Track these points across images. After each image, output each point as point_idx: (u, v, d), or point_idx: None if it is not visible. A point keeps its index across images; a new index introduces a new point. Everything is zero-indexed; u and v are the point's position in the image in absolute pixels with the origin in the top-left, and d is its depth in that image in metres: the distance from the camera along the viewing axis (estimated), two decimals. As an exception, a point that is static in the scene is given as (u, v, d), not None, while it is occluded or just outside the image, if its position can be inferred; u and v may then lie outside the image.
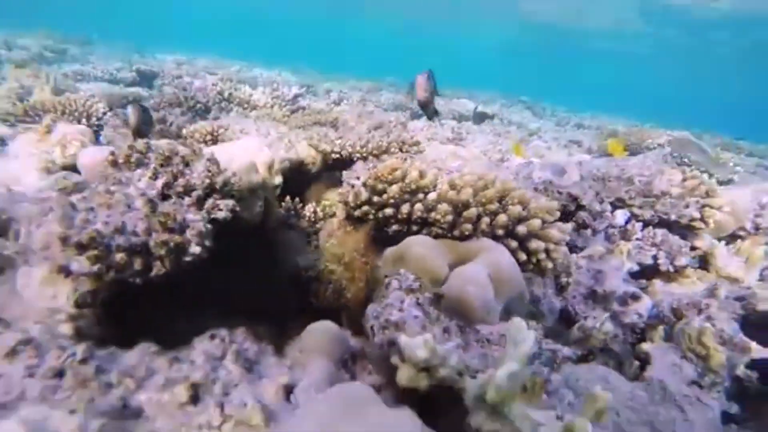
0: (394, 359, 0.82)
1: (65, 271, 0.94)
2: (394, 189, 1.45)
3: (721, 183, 3.67)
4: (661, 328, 1.69)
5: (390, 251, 1.37)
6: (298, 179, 2.63)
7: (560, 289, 1.99)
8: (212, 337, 0.85)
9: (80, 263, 0.89)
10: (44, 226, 0.96)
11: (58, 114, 2.89)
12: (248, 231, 1.77)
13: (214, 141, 2.59)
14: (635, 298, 1.83)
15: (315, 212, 2.29)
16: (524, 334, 0.69)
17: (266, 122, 3.20)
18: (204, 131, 2.60)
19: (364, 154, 2.38)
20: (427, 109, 2.09)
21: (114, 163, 1.28)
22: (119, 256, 0.91)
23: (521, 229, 1.41)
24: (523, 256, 1.43)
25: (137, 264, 0.94)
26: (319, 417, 0.70)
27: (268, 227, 1.99)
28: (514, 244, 1.42)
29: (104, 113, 3.16)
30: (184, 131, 2.63)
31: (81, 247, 0.89)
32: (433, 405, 0.89)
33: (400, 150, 2.53)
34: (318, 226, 2.22)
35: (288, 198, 2.30)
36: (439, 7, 20.18)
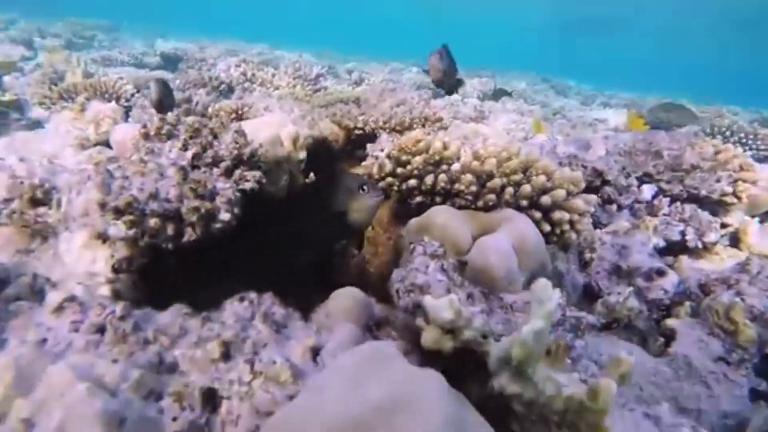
0: (419, 321, 0.84)
1: (103, 236, 0.99)
2: (418, 160, 1.45)
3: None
4: (687, 304, 1.66)
5: (414, 221, 1.38)
6: (322, 156, 2.65)
7: (584, 264, 1.97)
8: (242, 299, 0.88)
9: (118, 228, 0.93)
10: (84, 193, 1.00)
11: (90, 94, 2.97)
12: (274, 203, 1.81)
13: (239, 118, 2.63)
14: (661, 273, 1.80)
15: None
16: (549, 293, 0.70)
17: (289, 101, 3.22)
18: (229, 109, 2.63)
19: (387, 130, 2.38)
20: (444, 86, 2.08)
21: (146, 136, 1.32)
22: (153, 221, 0.95)
23: (545, 199, 1.40)
24: (547, 227, 1.42)
25: (170, 229, 0.98)
26: (345, 371, 0.72)
27: (292, 200, 2.03)
28: (538, 214, 1.42)
29: (132, 95, 3.23)
30: (209, 110, 2.68)
31: (118, 212, 0.93)
32: (457, 370, 0.91)
33: (423, 126, 2.52)
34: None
35: (312, 174, 2.33)
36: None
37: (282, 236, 1.95)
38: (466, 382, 0.89)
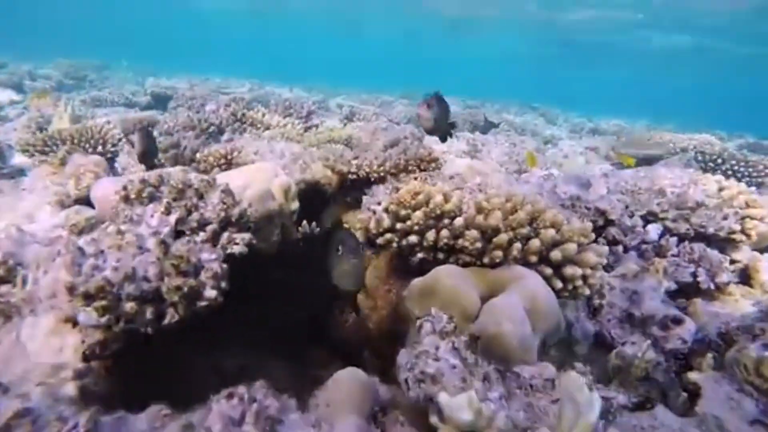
0: (433, 419, 0.74)
1: (73, 322, 0.88)
2: (418, 215, 1.36)
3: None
4: (709, 355, 1.56)
5: (417, 283, 1.28)
6: (314, 200, 2.57)
7: (593, 311, 1.88)
8: (230, 396, 0.77)
9: (88, 314, 0.82)
10: (52, 272, 0.90)
11: (75, 143, 2.88)
12: (265, 260, 1.71)
13: (228, 164, 2.55)
14: (677, 321, 1.71)
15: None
16: (587, 396, 0.60)
17: (280, 142, 3.16)
18: (218, 155, 2.56)
19: (382, 174, 2.30)
20: (436, 134, 2.03)
21: (126, 199, 1.22)
22: (129, 306, 0.84)
23: (556, 254, 1.31)
24: (558, 284, 1.33)
25: (149, 313, 0.87)
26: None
27: (285, 255, 1.93)
28: (548, 271, 1.33)
29: (120, 139, 3.15)
30: (197, 155, 2.60)
31: (89, 297, 0.82)
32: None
33: (419, 168, 2.45)
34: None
35: (305, 222, 2.24)
36: (441, 22, 20.25)
37: (274, 293, 1.84)
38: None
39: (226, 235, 1.23)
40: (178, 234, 1.15)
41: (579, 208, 2.08)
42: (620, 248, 2.09)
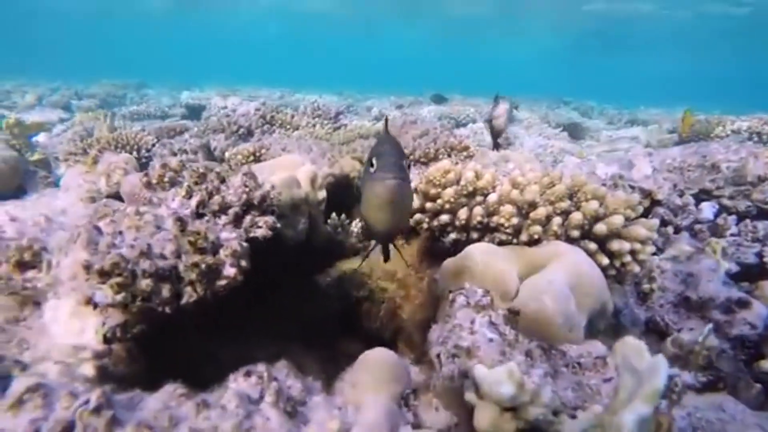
0: (470, 396, 0.66)
1: (93, 303, 0.85)
2: (449, 192, 1.29)
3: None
4: (785, 340, 1.40)
5: (449, 263, 1.20)
6: (345, 194, 2.53)
7: (643, 297, 1.73)
8: (248, 374, 0.72)
9: (104, 292, 0.79)
10: (71, 254, 0.87)
11: (111, 147, 2.97)
12: (293, 249, 1.66)
13: (257, 161, 2.54)
14: (743, 304, 1.54)
15: (364, 228, 2.16)
16: (650, 361, 0.51)
17: (308, 140, 3.14)
18: (246, 152, 2.56)
19: (411, 162, 2.24)
20: (498, 137, 1.97)
21: (148, 184, 1.21)
22: (145, 283, 0.81)
23: (600, 228, 1.20)
24: (604, 260, 1.21)
25: (165, 291, 0.83)
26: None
27: (314, 245, 1.88)
28: (593, 246, 1.22)
29: (153, 145, 3.23)
30: (226, 154, 2.61)
31: (104, 274, 0.79)
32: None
33: (449, 156, 2.37)
34: (368, 242, 2.09)
35: (334, 214, 2.19)
36: (473, 23, 20.03)
37: (305, 284, 1.79)
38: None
39: (248, 218, 1.19)
40: (199, 217, 1.12)
41: (622, 188, 1.94)
42: (670, 229, 1.93)
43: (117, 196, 1.75)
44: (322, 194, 1.89)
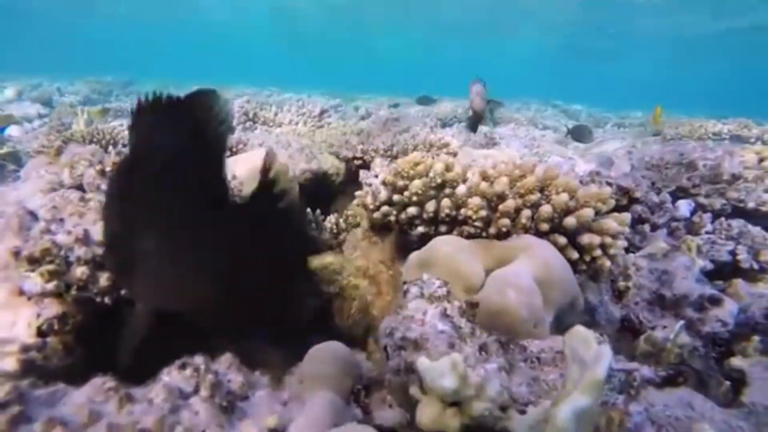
0: (413, 391, 0.62)
1: (25, 293, 0.80)
2: (417, 184, 1.25)
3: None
4: (756, 338, 1.38)
5: (414, 255, 1.17)
6: (321, 193, 2.48)
7: (618, 294, 1.71)
8: (183, 366, 0.67)
9: (33, 281, 0.74)
10: (2, 242, 0.82)
11: (85, 141, 2.89)
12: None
13: (232, 155, 2.49)
14: (715, 301, 1.53)
15: (337, 224, 2.12)
16: (595, 350, 0.47)
17: (288, 136, 3.09)
18: (222, 147, 2.50)
19: (389, 158, 2.20)
20: (478, 121, 1.93)
21: (101, 173, 1.16)
22: (80, 271, 0.76)
23: (570, 221, 1.17)
24: (574, 254, 1.19)
25: (103, 280, 0.78)
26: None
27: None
28: (562, 240, 1.19)
29: (129, 139, 3.15)
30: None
31: (34, 262, 0.74)
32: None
33: (428, 152, 2.34)
34: (341, 238, 2.04)
35: (309, 210, 2.15)
36: (463, 25, 20.03)
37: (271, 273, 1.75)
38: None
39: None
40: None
41: (599, 185, 1.92)
42: (647, 227, 1.91)
43: (81, 189, 1.69)
44: (293, 187, 1.85)
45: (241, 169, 1.42)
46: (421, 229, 1.29)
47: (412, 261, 1.16)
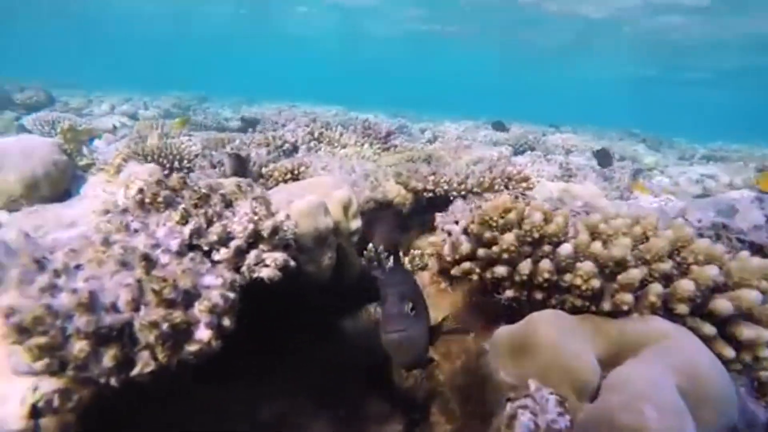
0: None
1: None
2: (509, 238, 0.99)
3: None
4: None
5: (504, 333, 0.91)
6: (386, 222, 2.28)
7: (759, 387, 1.34)
8: None
9: (20, 357, 0.57)
10: (5, 294, 0.67)
11: (155, 158, 2.90)
12: (315, 288, 1.42)
13: (295, 179, 2.36)
14: None
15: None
16: None
17: (352, 160, 2.94)
18: (284, 169, 2.38)
19: (463, 192, 1.96)
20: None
21: (141, 204, 1.01)
22: (78, 347, 0.58)
23: (723, 305, 0.87)
24: (728, 352, 0.87)
25: (107, 358, 0.60)
26: None
27: (344, 282, 1.63)
28: (709, 329, 0.88)
29: (196, 155, 3.14)
30: (264, 170, 2.44)
31: (23, 332, 0.57)
32: None
33: (506, 187, 2.07)
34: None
35: (371, 245, 1.95)
36: (536, 49, 19.45)
37: (327, 330, 1.54)
38: None
39: (253, 254, 0.96)
40: (191, 249, 0.90)
41: (727, 242, 1.56)
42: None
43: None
44: (357, 223, 1.65)
45: (297, 205, 1.24)
46: (510, 292, 1.03)
47: (504, 340, 0.90)
